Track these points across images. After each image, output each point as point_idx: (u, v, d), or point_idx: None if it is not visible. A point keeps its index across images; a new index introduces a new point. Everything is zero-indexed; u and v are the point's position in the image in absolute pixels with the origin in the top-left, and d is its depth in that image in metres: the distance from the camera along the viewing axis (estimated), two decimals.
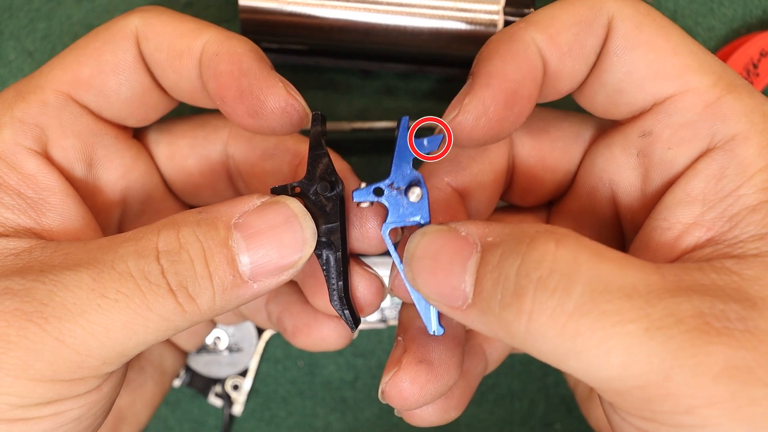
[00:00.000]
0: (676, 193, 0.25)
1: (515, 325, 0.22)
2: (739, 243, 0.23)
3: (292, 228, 0.26)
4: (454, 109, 0.26)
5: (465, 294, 0.23)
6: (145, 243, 0.24)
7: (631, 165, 0.28)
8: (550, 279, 0.21)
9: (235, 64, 0.27)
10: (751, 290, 0.21)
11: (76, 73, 0.28)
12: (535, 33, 0.25)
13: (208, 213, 0.25)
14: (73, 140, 0.28)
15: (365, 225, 0.29)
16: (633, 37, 0.25)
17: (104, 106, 0.29)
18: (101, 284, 0.23)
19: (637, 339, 0.20)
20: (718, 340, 0.20)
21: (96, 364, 0.24)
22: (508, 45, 0.25)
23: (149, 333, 0.24)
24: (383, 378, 0.28)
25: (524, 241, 0.22)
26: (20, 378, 0.23)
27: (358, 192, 0.27)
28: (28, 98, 0.28)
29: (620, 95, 0.26)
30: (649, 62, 0.25)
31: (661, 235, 0.25)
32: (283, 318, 0.35)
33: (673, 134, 0.26)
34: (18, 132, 0.27)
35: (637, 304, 0.20)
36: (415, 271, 0.25)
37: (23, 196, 0.27)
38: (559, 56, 0.26)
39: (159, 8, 0.29)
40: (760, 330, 0.20)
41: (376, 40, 0.40)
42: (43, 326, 0.23)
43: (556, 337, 0.21)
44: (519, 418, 0.49)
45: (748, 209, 0.23)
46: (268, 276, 0.25)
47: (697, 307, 0.20)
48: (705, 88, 0.25)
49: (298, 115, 0.27)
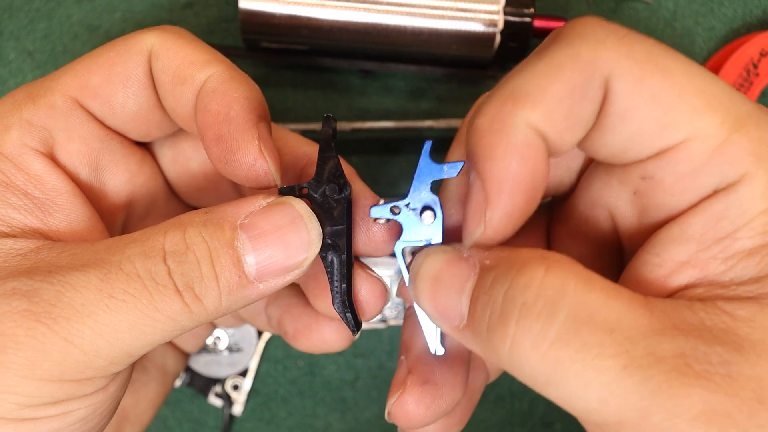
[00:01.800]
0: (672, 230, 0.24)
1: (500, 348, 0.22)
2: (733, 285, 0.23)
3: (297, 229, 0.26)
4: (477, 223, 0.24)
5: (462, 314, 0.24)
6: (151, 243, 0.24)
7: (628, 200, 0.27)
8: (535, 305, 0.21)
9: (224, 107, 0.27)
10: (740, 332, 0.21)
11: (86, 80, 0.28)
12: (528, 114, 0.23)
13: (214, 213, 0.25)
14: (79, 144, 0.29)
15: (371, 228, 0.29)
16: (635, 95, 0.23)
17: (108, 116, 0.29)
18: (109, 285, 0.23)
19: (615, 375, 0.20)
20: (697, 383, 0.20)
21: (103, 365, 0.24)
22: (504, 138, 0.23)
23: (156, 333, 0.24)
24: (389, 399, 0.28)
25: (515, 266, 0.22)
26: (28, 378, 0.23)
27: (376, 209, 0.27)
28: (38, 101, 0.28)
29: (625, 153, 0.25)
30: (656, 119, 0.23)
31: (651, 270, 0.25)
32: (283, 321, 0.35)
33: (677, 182, 0.24)
34: (26, 133, 0.27)
35: (618, 339, 0.20)
36: (419, 290, 0.25)
37: (30, 196, 0.27)
38: (555, 133, 0.23)
39: (179, 30, 0.29)
40: (743, 375, 0.20)
41: (376, 40, 0.40)
42: (51, 327, 0.23)
43: (537, 363, 0.21)
44: (519, 418, 0.49)
45: (744, 253, 0.23)
46: (274, 276, 0.25)
47: (679, 348, 0.20)
48: (713, 132, 0.23)
49: (264, 176, 0.27)
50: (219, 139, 0.26)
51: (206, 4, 0.45)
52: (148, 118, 0.30)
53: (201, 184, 0.34)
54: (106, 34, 0.45)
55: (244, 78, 0.28)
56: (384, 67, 0.43)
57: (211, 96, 0.27)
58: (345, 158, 0.31)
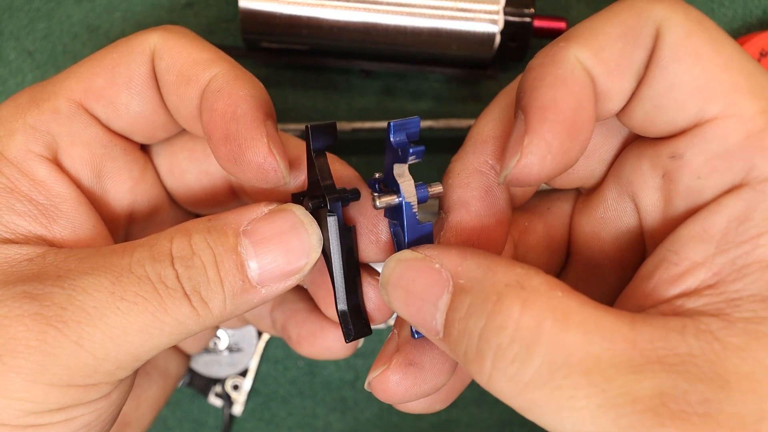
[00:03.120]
0: (693, 227, 0.24)
1: (478, 377, 0.22)
2: (738, 300, 0.22)
3: (298, 234, 0.26)
4: (514, 152, 0.23)
5: (437, 330, 0.24)
6: (159, 248, 0.25)
7: (656, 185, 0.26)
8: (510, 349, 0.21)
9: (231, 106, 0.26)
10: (728, 363, 0.20)
11: (90, 83, 0.28)
12: (578, 51, 0.23)
13: (218, 221, 0.26)
14: (82, 150, 0.28)
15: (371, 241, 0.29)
16: (681, 46, 0.23)
17: (113, 119, 0.29)
18: (121, 287, 0.24)
19: (589, 413, 0.20)
20: (672, 423, 0.19)
21: (111, 369, 0.24)
22: (553, 69, 0.23)
23: (164, 336, 0.24)
24: (372, 370, 0.28)
25: (491, 299, 0.22)
26: (37, 383, 0.23)
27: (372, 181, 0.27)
28: (42, 105, 0.28)
29: (659, 112, 0.24)
30: (694, 76, 0.23)
31: (666, 269, 0.24)
32: (287, 326, 0.35)
33: (706, 162, 0.24)
34: (30, 138, 0.27)
35: (594, 380, 0.20)
36: (391, 297, 0.25)
37: (34, 202, 0.27)
38: (606, 74, 0.23)
39: (182, 30, 0.29)
40: (723, 413, 0.19)
41: (376, 40, 0.40)
42: (62, 330, 0.23)
43: (514, 399, 0.21)
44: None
45: (761, 264, 0.22)
46: (276, 281, 0.26)
47: (658, 387, 0.20)
48: (751, 115, 0.22)
49: (274, 174, 0.26)
50: (227, 138, 0.26)
51: (206, 4, 0.45)
52: (153, 119, 0.30)
53: (199, 195, 0.34)
54: (106, 34, 0.45)
55: (249, 76, 0.28)
56: (384, 67, 0.43)
57: (217, 95, 0.27)
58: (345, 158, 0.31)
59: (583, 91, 0.23)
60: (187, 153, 0.33)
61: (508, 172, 0.23)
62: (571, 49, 0.23)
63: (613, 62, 0.23)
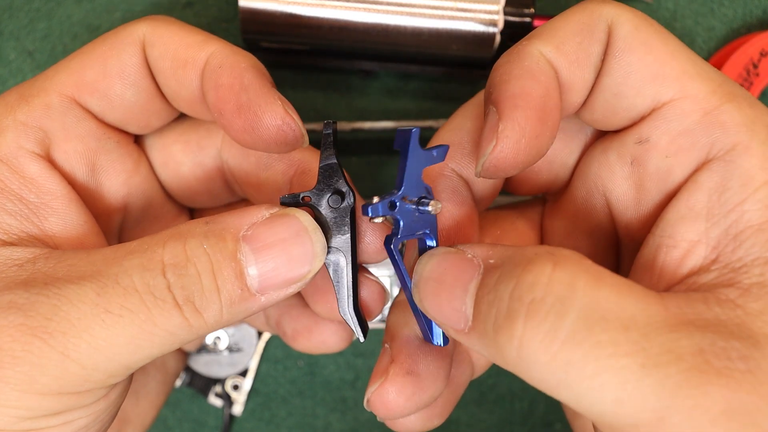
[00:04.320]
0: (679, 208, 0.24)
1: (508, 350, 0.21)
2: (744, 267, 0.22)
3: (302, 242, 0.25)
4: (490, 140, 0.24)
5: (466, 316, 0.23)
6: (150, 255, 0.24)
7: (626, 174, 0.27)
8: (543, 303, 0.20)
9: (236, 78, 0.26)
10: (754, 326, 0.20)
11: (81, 77, 0.28)
12: (541, 46, 0.25)
13: (216, 224, 0.25)
14: (76, 144, 0.28)
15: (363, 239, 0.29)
16: (631, 38, 0.25)
17: (107, 111, 0.29)
18: (105, 299, 0.23)
19: (632, 375, 0.19)
20: (718, 380, 0.19)
21: (101, 378, 0.24)
22: (519, 63, 0.25)
23: (154, 347, 0.24)
24: (369, 387, 0.28)
25: (521, 264, 0.22)
26: (27, 392, 0.23)
27: (372, 207, 0.26)
28: (32, 101, 0.27)
29: (618, 99, 0.26)
30: (647, 63, 0.25)
31: (667, 254, 0.24)
32: (282, 322, 0.35)
33: (671, 142, 0.25)
34: (21, 135, 0.27)
35: (633, 337, 0.19)
36: (422, 293, 0.25)
37: (25, 201, 0.26)
38: (567, 66, 0.25)
39: (168, 18, 0.29)
40: (762, 370, 0.19)
41: (376, 40, 0.40)
42: (47, 341, 0.22)
43: (548, 365, 0.20)
44: (519, 418, 0.49)
45: (753, 228, 0.23)
46: (276, 289, 0.25)
47: (697, 344, 0.20)
48: (704, 95, 0.24)
49: (293, 134, 0.26)
50: (240, 109, 0.26)
51: (206, 4, 0.45)
52: (147, 108, 0.29)
53: (193, 187, 0.34)
54: None
55: (243, 51, 0.28)
56: (384, 67, 0.43)
57: (219, 71, 0.27)
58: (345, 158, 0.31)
59: (549, 80, 0.25)
60: (181, 145, 0.33)
61: (485, 159, 0.24)
62: (534, 45, 0.25)
63: (573, 55, 0.25)
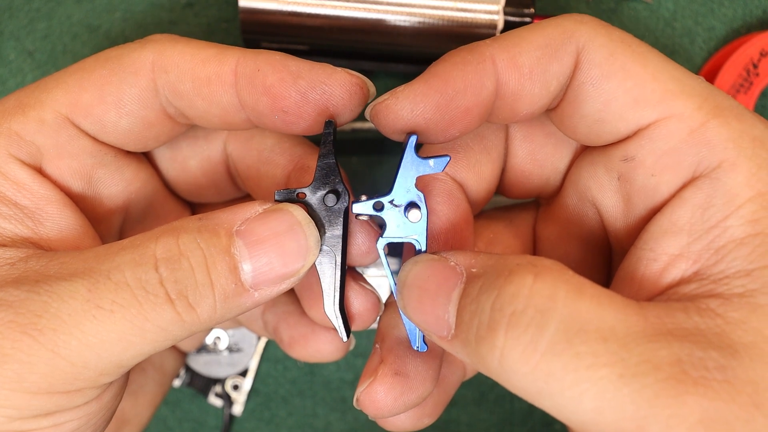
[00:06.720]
0: (662, 222, 0.24)
1: (489, 359, 0.21)
2: (725, 279, 0.22)
3: (295, 236, 0.25)
4: (389, 93, 0.26)
5: (449, 324, 0.23)
6: (142, 251, 0.24)
7: (614, 188, 0.27)
8: (524, 315, 0.20)
9: (282, 71, 0.26)
10: (733, 335, 0.21)
11: (77, 98, 0.27)
12: (496, 51, 0.25)
13: (209, 220, 0.25)
14: (69, 161, 0.28)
15: (358, 238, 0.29)
16: (608, 65, 0.25)
17: (101, 134, 0.28)
18: (96, 295, 0.23)
19: (610, 384, 0.19)
20: (695, 390, 0.19)
21: (93, 376, 0.23)
22: (465, 54, 0.25)
23: (147, 344, 0.23)
24: (359, 386, 0.28)
25: (503, 274, 0.22)
26: (16, 391, 0.22)
27: (359, 204, 0.26)
28: (28, 113, 0.27)
29: (601, 125, 0.26)
30: (627, 90, 0.25)
31: (647, 266, 0.24)
32: (279, 328, 0.35)
33: (657, 161, 0.25)
34: (13, 144, 0.26)
35: (612, 347, 0.20)
36: (405, 299, 0.25)
37: (19, 205, 0.26)
38: (518, 78, 0.25)
39: (171, 37, 0.28)
40: (739, 380, 0.20)
41: (376, 39, 0.40)
42: (37, 338, 0.22)
43: (529, 375, 0.20)
44: (519, 418, 0.49)
45: (735, 242, 0.23)
46: (270, 284, 0.25)
47: (675, 354, 0.20)
48: (689, 113, 0.24)
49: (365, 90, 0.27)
50: (305, 96, 0.26)
51: (206, 4, 0.45)
52: (143, 134, 0.29)
53: (200, 181, 0.34)
54: (106, 34, 0.45)
55: (263, 50, 0.28)
56: (384, 67, 0.43)
57: (261, 75, 0.26)
58: (345, 158, 0.31)
59: (476, 82, 0.25)
60: (189, 140, 0.32)
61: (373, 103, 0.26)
62: (490, 48, 0.25)
63: (527, 68, 0.25)
